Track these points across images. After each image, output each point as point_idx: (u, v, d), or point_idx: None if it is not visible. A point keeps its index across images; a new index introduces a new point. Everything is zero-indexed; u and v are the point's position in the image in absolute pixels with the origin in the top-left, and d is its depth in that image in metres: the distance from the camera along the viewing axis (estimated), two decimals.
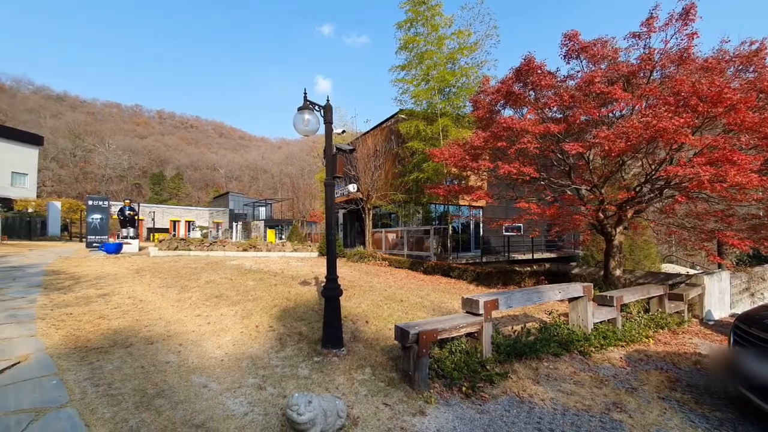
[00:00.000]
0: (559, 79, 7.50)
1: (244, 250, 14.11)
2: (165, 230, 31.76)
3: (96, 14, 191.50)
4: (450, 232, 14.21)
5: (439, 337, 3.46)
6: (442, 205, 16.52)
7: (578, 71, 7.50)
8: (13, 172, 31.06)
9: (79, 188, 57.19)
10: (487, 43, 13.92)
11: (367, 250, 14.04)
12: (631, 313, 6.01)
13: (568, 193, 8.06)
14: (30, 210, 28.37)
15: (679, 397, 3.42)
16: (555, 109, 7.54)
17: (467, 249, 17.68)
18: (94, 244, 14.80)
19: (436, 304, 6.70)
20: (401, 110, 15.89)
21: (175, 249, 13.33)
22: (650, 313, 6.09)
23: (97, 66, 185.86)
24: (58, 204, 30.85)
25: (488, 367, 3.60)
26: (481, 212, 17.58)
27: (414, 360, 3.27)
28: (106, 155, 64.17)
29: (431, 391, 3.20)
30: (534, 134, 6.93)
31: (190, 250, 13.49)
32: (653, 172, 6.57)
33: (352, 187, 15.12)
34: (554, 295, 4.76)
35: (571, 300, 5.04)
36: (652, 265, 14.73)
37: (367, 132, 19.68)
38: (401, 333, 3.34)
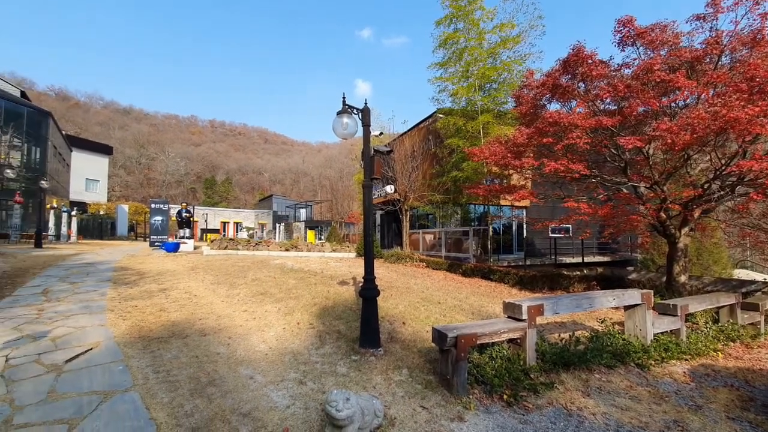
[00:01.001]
0: (612, 68, 7.00)
1: (286, 250, 14.72)
2: (216, 231, 34.04)
3: (152, 27, 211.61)
4: (490, 233, 13.78)
5: (478, 342, 3.36)
6: (481, 206, 16.06)
7: (634, 59, 6.95)
8: (87, 178, 35.25)
9: (144, 193, 63.18)
10: (531, 34, 13.31)
11: (404, 251, 14.02)
12: (697, 324, 5.44)
13: (624, 191, 7.48)
14: (101, 212, 31.90)
15: (752, 418, 3.03)
16: (608, 100, 7.06)
17: (509, 251, 17.00)
18: (156, 244, 16.25)
19: (476, 307, 6.52)
20: (439, 109, 15.70)
21: (225, 248, 14.24)
22: (719, 324, 5.47)
23: (157, 78, 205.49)
24: (125, 207, 34.38)
25: (532, 376, 3.43)
26: (524, 212, 16.84)
27: (452, 364, 3.20)
28: (166, 162, 70.30)
29: (470, 396, 3.11)
30: (584, 128, 6.52)
31: (238, 249, 14.34)
32: (723, 167, 5.90)
33: (389, 188, 15.18)
34: (608, 301, 4.43)
35: (627, 308, 4.67)
36: (723, 271, 13.19)
37: (405, 133, 19.69)
38: (439, 336, 3.29)
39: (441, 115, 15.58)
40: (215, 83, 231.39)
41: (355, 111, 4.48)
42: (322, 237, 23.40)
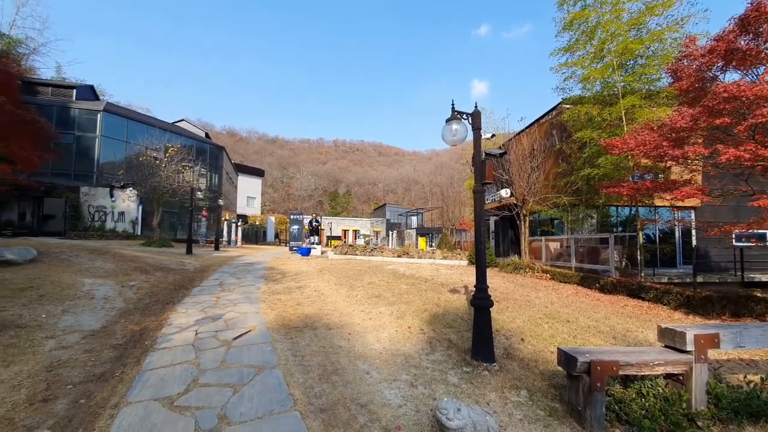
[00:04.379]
0: None
1: (398, 256, 15.32)
2: (338, 238, 38.04)
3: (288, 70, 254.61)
4: (641, 241, 11.33)
5: (620, 372, 2.81)
6: (626, 208, 13.44)
7: None
8: (247, 196, 44.75)
9: (285, 206, 75.82)
10: None
11: (522, 261, 12.83)
12: None
13: None
14: (257, 223, 39.76)
15: None
16: None
17: (670, 264, 13.73)
18: (293, 248, 19.25)
19: (618, 331, 5.46)
20: (564, 99, 13.88)
21: (346, 254, 15.76)
22: None
23: (293, 111, 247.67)
24: (272, 218, 42.01)
25: (699, 424, 2.67)
26: (692, 214, 13.35)
27: (584, 393, 2.75)
28: (300, 180, 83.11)
29: None
30: None
31: (356, 254, 15.67)
32: None
33: (504, 192, 14.20)
34: None
35: None
36: None
37: (522, 131, 18.20)
38: (566, 358, 2.89)
39: (567, 106, 13.77)
40: (337, 104, 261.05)
41: (464, 116, 4.40)
42: (433, 244, 23.47)
